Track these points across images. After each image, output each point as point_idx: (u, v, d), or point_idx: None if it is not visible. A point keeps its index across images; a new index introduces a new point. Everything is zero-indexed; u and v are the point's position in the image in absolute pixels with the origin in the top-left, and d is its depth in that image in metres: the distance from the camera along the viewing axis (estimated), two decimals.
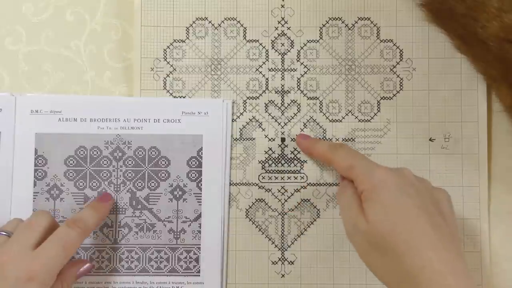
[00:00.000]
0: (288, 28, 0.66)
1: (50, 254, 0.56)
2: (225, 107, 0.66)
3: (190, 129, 0.65)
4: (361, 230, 0.53)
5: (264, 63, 0.66)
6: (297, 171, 0.66)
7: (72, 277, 0.60)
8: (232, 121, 0.66)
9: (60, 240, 0.57)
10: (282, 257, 0.65)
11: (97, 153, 0.65)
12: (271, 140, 0.66)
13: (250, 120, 0.66)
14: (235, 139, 0.66)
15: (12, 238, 0.57)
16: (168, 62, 0.66)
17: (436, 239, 0.51)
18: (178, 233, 0.65)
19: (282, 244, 0.65)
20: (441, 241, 0.51)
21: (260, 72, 0.66)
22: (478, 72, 0.64)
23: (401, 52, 0.66)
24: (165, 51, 0.66)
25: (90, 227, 0.60)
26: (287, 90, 0.66)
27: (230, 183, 0.65)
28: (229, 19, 0.66)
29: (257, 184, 0.66)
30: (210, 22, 0.66)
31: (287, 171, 0.66)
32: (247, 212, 0.65)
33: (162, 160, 0.65)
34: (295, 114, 0.66)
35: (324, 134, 0.66)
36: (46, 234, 0.58)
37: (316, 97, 0.66)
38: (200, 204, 0.65)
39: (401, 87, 0.66)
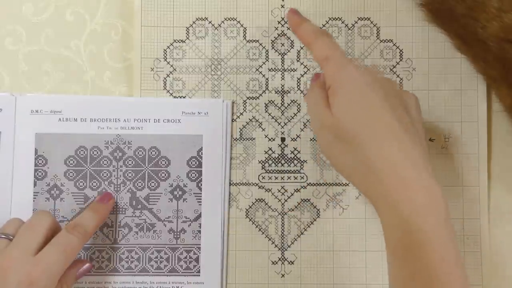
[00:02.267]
0: (288, 28, 0.66)
1: (51, 259, 0.56)
2: (225, 107, 0.66)
3: (190, 129, 0.65)
4: (326, 124, 0.53)
5: (264, 63, 0.66)
6: (297, 171, 0.66)
7: (72, 277, 0.60)
8: (232, 121, 0.66)
9: (60, 246, 0.57)
10: (282, 257, 0.65)
11: (97, 153, 0.65)
12: (271, 140, 0.66)
13: (250, 120, 0.66)
14: (235, 139, 0.66)
15: (14, 242, 0.57)
16: (168, 62, 0.66)
17: (400, 132, 0.51)
18: (178, 233, 0.65)
19: (282, 244, 0.65)
20: (406, 135, 0.51)
21: (260, 72, 0.66)
22: (478, 72, 0.64)
23: (401, 52, 0.66)
24: (165, 51, 0.66)
25: (90, 231, 0.60)
26: (287, 90, 0.66)
27: (230, 183, 0.66)
28: (229, 19, 0.66)
29: (257, 184, 0.66)
30: (210, 22, 0.67)
31: (287, 171, 0.66)
32: (247, 212, 0.66)
33: (162, 160, 0.65)
34: (295, 114, 0.66)
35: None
36: (48, 235, 0.58)
37: None
38: (200, 204, 0.65)
39: (401, 87, 0.66)
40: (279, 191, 0.66)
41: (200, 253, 0.64)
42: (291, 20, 0.61)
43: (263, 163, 0.66)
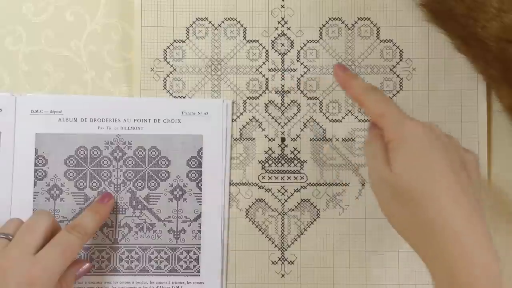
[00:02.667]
0: (288, 28, 0.66)
1: (50, 259, 0.56)
2: (225, 107, 0.66)
3: (190, 129, 0.65)
4: (385, 180, 0.52)
5: (264, 63, 0.66)
6: (297, 171, 0.66)
7: (72, 277, 0.60)
8: (232, 121, 0.66)
9: (60, 246, 0.57)
10: (282, 257, 0.65)
11: (97, 153, 0.65)
12: (271, 140, 0.66)
13: (250, 120, 0.66)
14: (235, 139, 0.66)
15: (13, 242, 0.57)
16: (168, 62, 0.66)
17: (461, 196, 0.50)
18: (178, 233, 0.65)
19: (282, 244, 0.65)
20: (466, 199, 0.50)
21: (260, 72, 0.66)
22: (478, 72, 0.64)
23: (401, 52, 0.66)
24: (165, 51, 0.66)
25: (90, 232, 0.60)
26: (287, 90, 0.66)
27: (230, 183, 0.66)
28: (229, 19, 0.66)
29: (257, 184, 0.66)
30: (210, 22, 0.67)
31: (287, 171, 0.66)
32: (247, 212, 0.66)
33: (162, 160, 0.65)
34: (295, 114, 0.66)
35: (324, 134, 0.66)
36: (47, 236, 0.58)
37: (316, 97, 0.66)
38: (200, 204, 0.65)
39: (401, 87, 0.66)
40: (279, 191, 0.66)
41: (200, 253, 0.64)
42: (339, 77, 0.60)
43: (263, 163, 0.66)
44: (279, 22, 0.66)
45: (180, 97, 0.66)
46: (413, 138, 0.52)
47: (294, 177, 0.66)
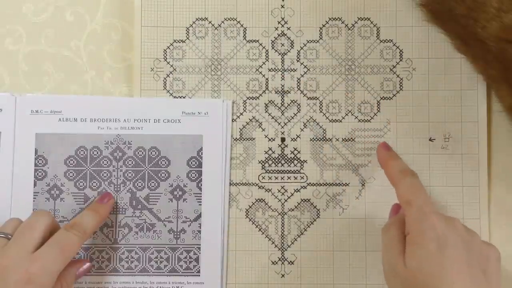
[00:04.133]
0: (288, 28, 0.66)
1: (48, 257, 0.56)
2: (225, 107, 0.66)
3: (190, 129, 0.65)
4: (399, 273, 0.52)
5: (264, 63, 0.66)
6: (297, 171, 0.66)
7: (72, 277, 0.60)
8: (232, 121, 0.66)
9: (58, 244, 0.57)
10: (282, 257, 0.65)
11: (97, 153, 0.65)
12: (271, 140, 0.66)
13: (250, 120, 0.66)
14: (235, 139, 0.66)
15: (12, 240, 0.57)
16: (168, 62, 0.66)
17: None
18: (178, 233, 0.65)
19: (282, 244, 0.65)
20: None
21: (260, 72, 0.66)
22: (478, 72, 0.64)
23: (401, 52, 0.66)
24: (165, 51, 0.66)
25: (89, 231, 0.60)
26: (287, 90, 0.66)
27: (230, 183, 0.65)
28: (229, 19, 0.66)
29: (257, 184, 0.66)
30: (210, 22, 0.66)
31: (287, 171, 0.66)
32: (247, 212, 0.66)
33: (162, 160, 0.65)
34: (295, 114, 0.66)
35: (324, 134, 0.66)
36: (46, 235, 0.58)
37: (316, 97, 0.66)
38: (200, 204, 0.65)
39: (401, 87, 0.66)
40: (279, 191, 0.66)
41: (200, 253, 0.64)
42: (380, 154, 0.62)
43: (263, 163, 0.66)
44: (279, 22, 0.66)
45: (180, 97, 0.66)
46: (432, 235, 0.52)
47: (294, 177, 0.66)
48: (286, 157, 0.66)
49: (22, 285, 0.54)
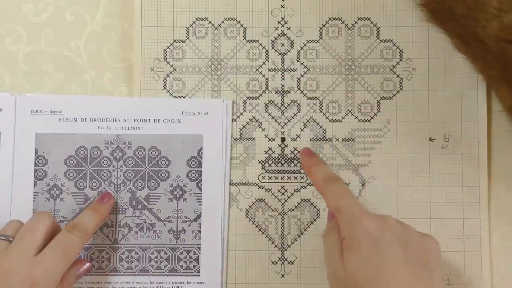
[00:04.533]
0: (288, 28, 0.66)
1: (51, 260, 0.56)
2: (225, 107, 0.66)
3: (190, 129, 0.65)
4: (339, 277, 0.53)
5: (264, 63, 0.66)
6: (297, 171, 0.66)
7: (73, 277, 0.60)
8: (232, 121, 0.66)
9: (61, 246, 0.57)
10: (282, 257, 0.65)
11: (97, 153, 0.65)
12: (271, 140, 0.66)
13: (250, 120, 0.66)
14: (235, 139, 0.66)
15: (14, 243, 0.57)
16: (168, 62, 0.66)
17: None
18: (178, 233, 0.65)
19: (282, 244, 0.65)
20: None
21: (260, 72, 0.66)
22: (478, 72, 0.64)
23: (401, 52, 0.66)
24: (165, 51, 0.66)
25: (90, 231, 0.60)
26: (287, 90, 0.66)
27: (230, 183, 0.65)
28: (229, 19, 0.66)
29: (257, 184, 0.66)
30: (210, 22, 0.66)
31: (287, 171, 0.66)
32: (247, 212, 0.65)
33: (162, 160, 0.65)
34: (295, 114, 0.66)
35: (324, 134, 0.66)
36: (48, 236, 0.58)
37: (316, 97, 0.66)
38: (200, 204, 0.65)
39: (401, 87, 0.66)
40: (279, 191, 0.66)
41: (200, 253, 0.64)
42: (304, 161, 0.63)
43: (263, 163, 0.66)
44: (279, 22, 0.66)
45: (180, 97, 0.66)
46: (365, 237, 0.52)
47: (294, 177, 0.66)
48: (286, 157, 0.66)
49: None
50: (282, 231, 0.65)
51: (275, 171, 0.66)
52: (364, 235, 0.53)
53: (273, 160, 0.66)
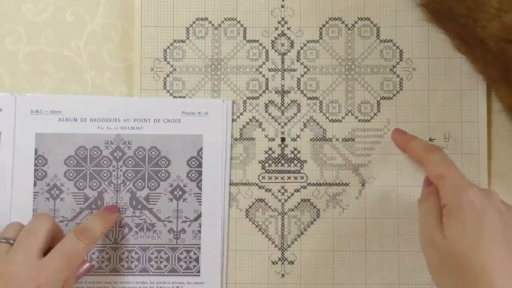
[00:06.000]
0: (288, 28, 0.66)
1: (56, 265, 0.56)
2: (225, 107, 0.66)
3: (190, 129, 0.65)
4: (437, 245, 0.53)
5: (264, 63, 0.66)
6: (297, 171, 0.66)
7: (73, 278, 0.60)
8: (232, 121, 0.66)
9: (66, 252, 0.57)
10: (282, 257, 0.65)
11: (97, 153, 0.65)
12: (271, 140, 0.66)
13: (250, 120, 0.66)
14: (235, 139, 0.66)
15: (16, 246, 0.57)
16: (168, 62, 0.66)
17: None
18: (178, 233, 0.65)
19: (282, 244, 0.65)
20: None
21: (260, 72, 0.66)
22: (478, 72, 0.64)
23: (401, 52, 0.66)
24: (165, 51, 0.66)
25: (97, 238, 0.60)
26: (287, 90, 0.66)
27: (230, 183, 0.65)
28: (229, 19, 0.66)
29: (257, 184, 0.66)
30: (210, 22, 0.66)
31: (287, 171, 0.66)
32: (247, 212, 0.65)
33: (162, 160, 0.65)
34: (295, 114, 0.66)
35: (324, 134, 0.66)
36: (49, 238, 0.58)
37: (316, 97, 0.66)
38: (200, 204, 0.65)
39: (401, 87, 0.66)
40: (279, 191, 0.66)
41: (200, 253, 0.64)
42: (397, 140, 0.63)
43: (263, 163, 0.66)
44: (279, 22, 0.66)
45: (180, 97, 0.66)
46: (470, 207, 0.53)
47: (294, 177, 0.66)
48: (286, 157, 0.66)
49: None
50: (282, 231, 0.65)
51: (275, 171, 0.66)
52: (469, 205, 0.53)
53: (273, 160, 0.66)
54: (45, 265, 0.55)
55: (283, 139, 0.66)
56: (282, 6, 0.66)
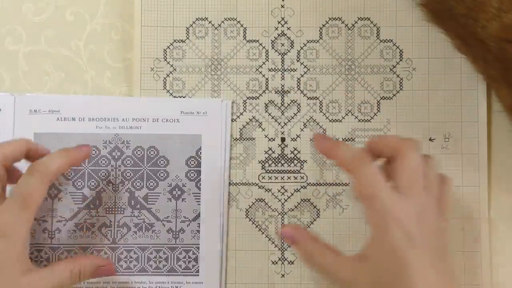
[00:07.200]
0: (288, 28, 0.66)
1: (11, 206, 0.55)
2: (224, 107, 0.65)
3: (189, 129, 0.65)
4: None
5: (264, 63, 0.66)
6: (297, 171, 0.65)
7: (90, 268, 0.58)
8: (232, 121, 0.66)
9: (20, 191, 0.55)
10: (282, 257, 0.65)
11: (96, 153, 0.65)
12: (271, 140, 0.66)
13: (250, 120, 0.66)
14: (235, 139, 0.66)
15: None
16: (168, 62, 0.66)
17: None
18: (177, 233, 0.64)
19: (282, 244, 0.65)
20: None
21: (260, 72, 0.66)
22: (478, 72, 0.64)
23: (401, 52, 0.66)
24: (165, 51, 0.66)
25: (52, 172, 0.56)
26: (287, 90, 0.66)
27: (230, 183, 0.65)
28: (229, 19, 0.67)
29: (257, 184, 0.65)
30: (210, 22, 0.67)
31: (287, 171, 0.66)
32: (247, 212, 0.65)
33: (161, 160, 0.65)
34: (295, 114, 0.66)
35: (324, 134, 0.66)
36: (8, 164, 0.58)
37: (316, 97, 0.66)
38: (199, 204, 0.64)
39: (401, 87, 0.66)
40: (279, 191, 0.65)
41: (199, 253, 0.64)
42: (321, 146, 0.57)
43: (263, 163, 0.66)
44: (279, 22, 0.66)
45: (180, 97, 0.66)
46: (398, 233, 0.51)
47: (294, 177, 0.66)
48: (286, 157, 0.66)
49: None
50: None
51: (275, 171, 0.66)
52: (396, 229, 0.52)
53: (273, 160, 0.66)
54: (1, 209, 0.55)
55: (283, 139, 0.66)
56: (282, 6, 0.66)
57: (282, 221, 0.65)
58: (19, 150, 0.59)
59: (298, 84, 0.66)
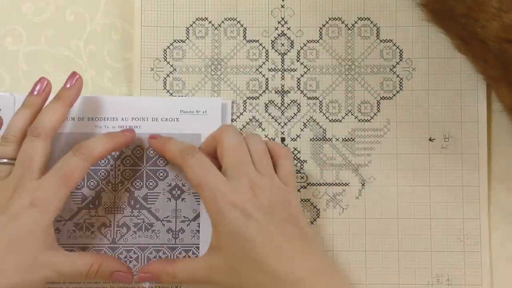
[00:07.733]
0: (288, 28, 0.66)
1: (50, 181, 0.56)
2: (223, 106, 0.65)
3: (189, 128, 0.65)
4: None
5: (264, 63, 0.66)
6: (297, 171, 0.65)
7: (110, 268, 0.59)
8: (232, 121, 0.66)
9: (62, 168, 0.57)
10: None
11: None
12: (271, 140, 0.66)
13: (250, 120, 0.66)
14: None
15: (15, 172, 0.58)
16: (168, 62, 0.66)
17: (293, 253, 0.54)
18: (176, 233, 0.64)
19: None
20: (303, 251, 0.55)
21: (260, 72, 0.66)
22: (478, 72, 0.64)
23: (401, 52, 0.66)
24: (165, 51, 0.66)
25: (96, 155, 0.59)
26: (287, 90, 0.66)
27: None
28: (229, 19, 0.67)
29: None
30: (210, 22, 0.67)
31: None
32: None
33: (161, 159, 0.65)
34: (295, 114, 0.66)
35: (324, 134, 0.66)
36: (47, 158, 0.59)
37: (316, 97, 0.66)
38: (199, 204, 0.64)
39: (401, 87, 0.66)
40: None
41: (199, 253, 0.64)
42: (153, 145, 0.63)
43: None
44: (279, 22, 0.67)
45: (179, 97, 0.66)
46: (225, 220, 0.56)
47: None
48: None
49: (26, 207, 0.55)
50: None
51: None
52: (225, 217, 0.56)
53: None
54: (41, 182, 0.56)
55: (283, 139, 0.66)
56: (282, 6, 0.66)
57: None
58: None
59: (298, 84, 0.66)
